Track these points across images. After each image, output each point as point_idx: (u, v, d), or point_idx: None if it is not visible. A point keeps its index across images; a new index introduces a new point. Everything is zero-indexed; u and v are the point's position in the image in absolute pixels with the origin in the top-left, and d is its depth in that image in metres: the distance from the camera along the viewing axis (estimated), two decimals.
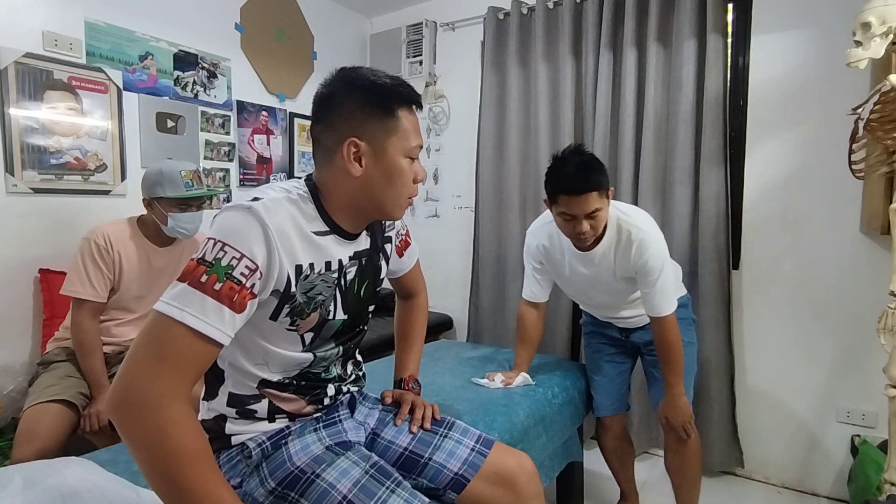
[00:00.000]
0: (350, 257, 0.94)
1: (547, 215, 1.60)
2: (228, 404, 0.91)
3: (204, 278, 0.73)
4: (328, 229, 0.90)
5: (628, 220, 1.49)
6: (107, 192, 2.06)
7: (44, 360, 1.66)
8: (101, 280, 1.61)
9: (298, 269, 0.85)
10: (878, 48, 1.28)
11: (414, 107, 0.91)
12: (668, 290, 1.49)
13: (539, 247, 1.64)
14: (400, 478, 0.91)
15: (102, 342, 1.65)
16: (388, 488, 0.87)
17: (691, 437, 1.60)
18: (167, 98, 2.25)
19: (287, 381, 0.93)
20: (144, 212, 1.75)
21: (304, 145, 2.89)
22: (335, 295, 0.93)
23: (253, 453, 0.90)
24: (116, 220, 1.73)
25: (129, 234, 1.69)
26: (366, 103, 0.86)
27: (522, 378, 1.63)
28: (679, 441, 1.62)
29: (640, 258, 1.45)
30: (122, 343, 1.70)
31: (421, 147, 0.93)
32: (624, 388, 1.78)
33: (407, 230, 1.17)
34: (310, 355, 0.93)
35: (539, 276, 1.70)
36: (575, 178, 1.36)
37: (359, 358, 1.12)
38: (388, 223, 1.08)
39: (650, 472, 2.21)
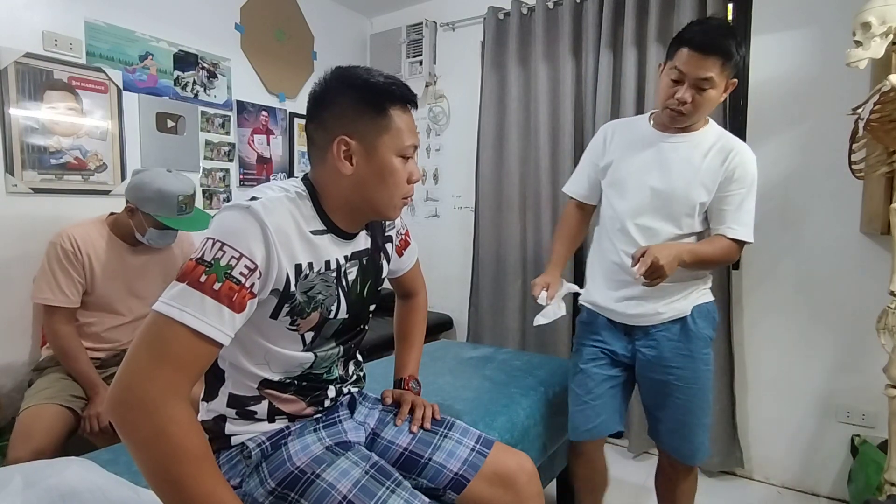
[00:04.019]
0: (347, 257, 0.94)
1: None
2: (228, 405, 0.91)
3: (203, 278, 0.73)
4: (325, 228, 0.90)
5: (735, 138, 1.35)
6: (107, 192, 2.06)
7: (38, 365, 1.67)
8: (72, 285, 1.57)
9: (298, 268, 0.84)
10: (878, 48, 1.28)
11: (409, 106, 0.90)
12: (750, 216, 1.30)
13: (608, 129, 1.47)
14: (400, 478, 0.91)
15: (95, 348, 1.64)
16: (388, 488, 0.87)
17: (692, 472, 1.45)
18: (167, 98, 2.25)
19: (288, 381, 0.93)
20: (118, 210, 1.71)
21: (304, 145, 2.87)
22: (338, 295, 0.93)
23: (252, 453, 0.90)
24: (84, 220, 1.69)
25: (98, 234, 1.65)
26: (358, 101, 0.86)
27: (566, 288, 1.45)
28: (671, 465, 1.45)
29: (734, 162, 1.28)
30: (116, 348, 1.68)
31: (416, 147, 0.91)
32: (617, 405, 1.45)
33: (406, 230, 1.17)
34: (311, 355, 0.93)
35: (591, 173, 1.48)
36: (705, 34, 1.20)
37: (359, 358, 1.12)
38: (388, 223, 1.08)
39: (650, 472, 2.21)
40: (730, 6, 2.13)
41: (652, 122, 1.40)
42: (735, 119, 2.14)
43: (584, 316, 1.51)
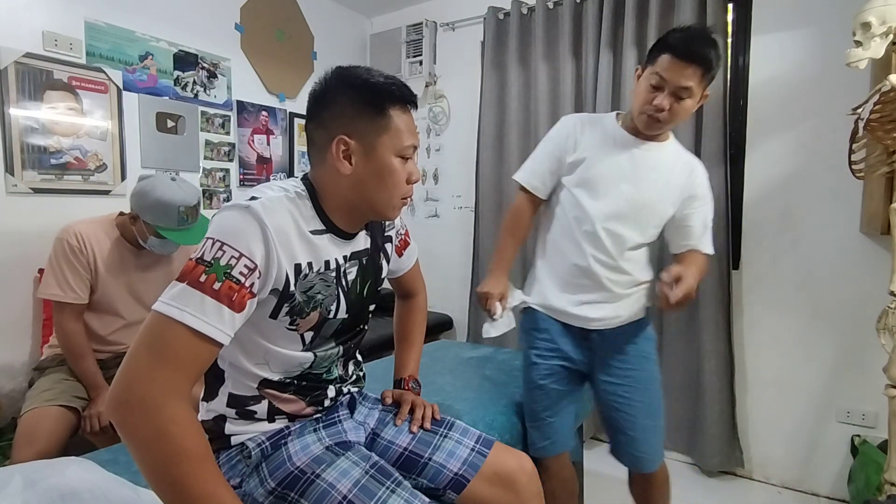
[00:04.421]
0: (346, 257, 0.94)
1: (587, 113, 1.45)
2: (228, 405, 0.91)
3: (203, 278, 0.73)
4: (324, 228, 0.89)
5: (690, 153, 1.41)
6: (107, 192, 2.06)
7: (39, 365, 1.66)
8: (80, 281, 1.55)
9: (297, 268, 0.84)
10: (878, 48, 1.28)
11: (409, 106, 0.90)
12: (710, 230, 1.38)
13: (575, 123, 1.39)
14: (400, 478, 0.91)
15: (97, 349, 1.63)
16: (388, 488, 0.87)
17: (660, 469, 1.43)
18: (167, 98, 2.26)
19: (288, 380, 0.93)
20: (126, 210, 1.69)
21: (304, 145, 2.87)
22: (338, 295, 0.93)
23: (252, 453, 0.90)
24: (93, 217, 1.67)
25: (104, 232, 1.63)
26: (357, 101, 0.86)
27: (518, 297, 1.42)
28: (645, 478, 1.44)
29: (697, 179, 1.34)
30: (118, 351, 1.67)
31: (415, 147, 0.91)
32: (571, 421, 1.45)
33: (406, 230, 1.17)
34: (310, 355, 0.93)
35: (553, 167, 1.39)
36: (689, 42, 1.18)
37: (359, 358, 1.12)
38: (387, 223, 1.08)
39: None
40: (730, 6, 2.13)
41: (620, 122, 1.36)
42: (735, 119, 2.14)
43: (535, 321, 1.43)
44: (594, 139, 1.35)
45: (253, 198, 0.81)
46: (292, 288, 0.84)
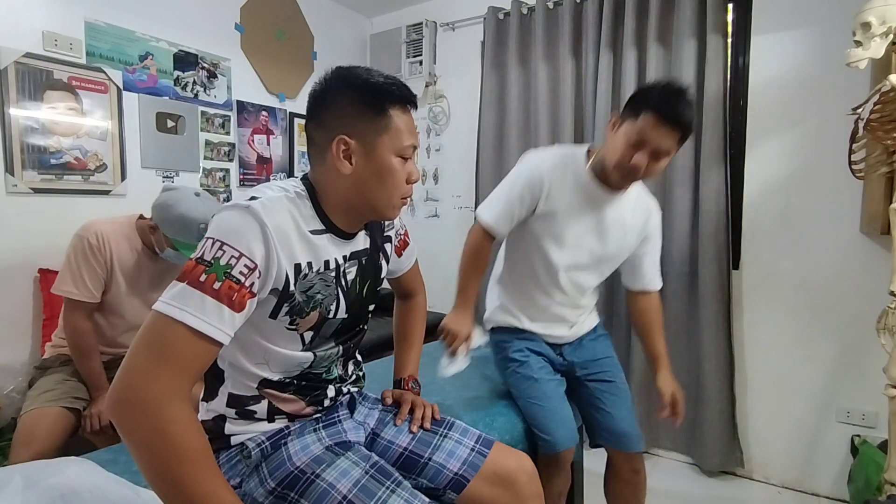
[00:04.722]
0: (346, 257, 0.94)
1: (557, 149, 1.44)
2: (228, 405, 0.91)
3: (203, 277, 0.73)
4: (324, 228, 0.89)
5: (646, 192, 1.48)
6: (107, 192, 2.06)
7: (41, 364, 1.65)
8: (95, 280, 1.55)
9: (297, 268, 0.84)
10: (878, 48, 1.28)
11: (409, 106, 0.90)
12: (659, 266, 1.52)
13: (549, 171, 1.35)
14: (400, 478, 0.91)
15: (104, 350, 1.63)
16: (388, 488, 0.87)
17: (643, 471, 1.50)
18: (167, 98, 2.26)
19: (287, 380, 0.93)
20: (147, 215, 1.71)
21: (304, 145, 2.87)
22: (337, 295, 0.93)
23: (252, 453, 0.90)
24: (114, 217, 1.67)
25: (124, 234, 1.63)
26: (357, 101, 0.86)
27: (480, 337, 1.45)
28: (633, 471, 1.47)
29: (651, 223, 1.45)
30: (124, 354, 1.65)
31: (415, 147, 0.91)
32: (571, 411, 1.45)
33: (405, 230, 1.16)
34: (310, 355, 0.93)
35: (521, 213, 1.38)
36: (674, 105, 1.17)
37: (359, 358, 1.12)
38: (387, 223, 1.08)
39: (650, 472, 2.20)
40: (730, 6, 2.13)
41: (590, 165, 1.34)
42: (735, 119, 2.14)
43: (511, 331, 1.50)
44: (565, 189, 1.35)
45: (253, 198, 0.81)
46: (292, 288, 0.84)
